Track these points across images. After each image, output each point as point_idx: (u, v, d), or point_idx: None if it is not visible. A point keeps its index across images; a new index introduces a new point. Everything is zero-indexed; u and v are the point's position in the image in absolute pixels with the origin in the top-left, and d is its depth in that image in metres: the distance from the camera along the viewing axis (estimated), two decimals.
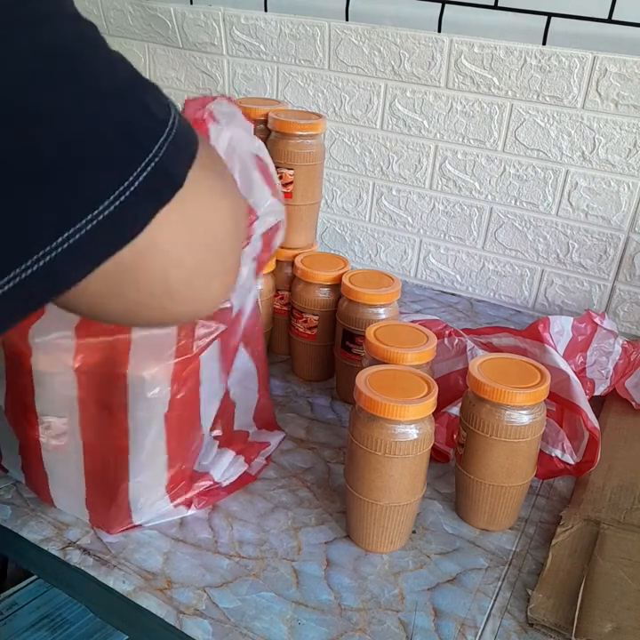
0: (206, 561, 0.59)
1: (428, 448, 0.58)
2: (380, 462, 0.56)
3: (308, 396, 0.84)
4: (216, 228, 0.33)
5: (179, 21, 1.18)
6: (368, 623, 0.54)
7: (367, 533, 0.60)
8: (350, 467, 0.60)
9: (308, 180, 0.86)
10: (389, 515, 0.58)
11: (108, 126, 0.27)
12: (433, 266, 1.14)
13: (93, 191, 0.26)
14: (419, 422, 0.56)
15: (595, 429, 0.67)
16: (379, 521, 0.59)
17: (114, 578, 0.57)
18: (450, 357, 0.78)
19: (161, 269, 0.30)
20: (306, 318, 0.83)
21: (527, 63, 0.95)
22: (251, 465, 0.69)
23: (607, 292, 1.02)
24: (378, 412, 0.55)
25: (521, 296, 1.09)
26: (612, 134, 0.93)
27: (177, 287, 0.31)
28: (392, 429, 0.56)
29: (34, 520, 0.62)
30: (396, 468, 0.57)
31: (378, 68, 1.05)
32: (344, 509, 0.64)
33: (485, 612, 0.55)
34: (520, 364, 0.63)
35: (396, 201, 1.12)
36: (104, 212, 0.26)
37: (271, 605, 0.55)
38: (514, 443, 0.59)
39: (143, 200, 0.28)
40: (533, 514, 0.66)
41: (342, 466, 0.71)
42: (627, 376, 0.83)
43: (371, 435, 0.56)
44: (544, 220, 1.03)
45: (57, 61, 0.26)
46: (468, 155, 1.04)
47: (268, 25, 1.11)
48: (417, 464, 0.57)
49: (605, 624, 0.52)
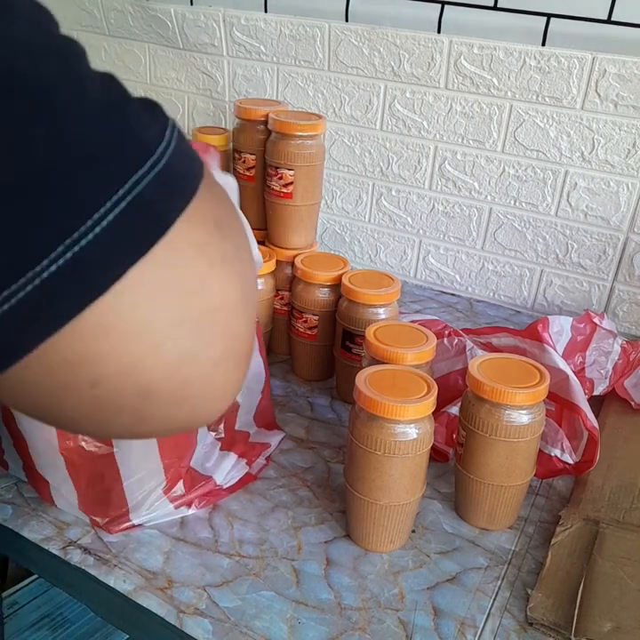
0: (206, 560, 0.59)
1: (427, 448, 0.58)
2: (379, 462, 0.57)
3: (308, 395, 0.84)
4: (215, 299, 0.24)
5: (179, 22, 1.19)
6: (368, 622, 0.54)
7: (367, 533, 0.60)
8: (350, 466, 0.60)
9: (308, 181, 0.86)
10: (389, 514, 0.59)
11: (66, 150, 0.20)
12: (432, 266, 1.14)
13: (38, 236, 0.19)
14: (418, 422, 0.56)
15: (594, 429, 0.67)
16: (378, 520, 0.59)
17: (114, 577, 0.57)
18: (449, 357, 0.78)
19: (129, 355, 0.21)
20: (306, 318, 0.84)
21: (526, 64, 0.95)
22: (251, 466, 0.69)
23: (606, 293, 1.03)
24: (378, 412, 0.55)
25: (520, 296, 1.09)
26: (612, 135, 0.94)
27: (154, 381, 0.23)
28: (392, 429, 0.56)
29: (34, 519, 0.62)
30: (395, 467, 0.57)
31: (377, 69, 1.05)
32: (344, 509, 0.65)
33: (485, 612, 0.56)
34: (519, 364, 0.63)
35: (396, 201, 1.13)
36: (49, 268, 0.19)
37: (271, 604, 0.55)
38: (513, 442, 0.60)
39: (107, 251, 0.20)
40: (533, 513, 0.66)
41: (342, 465, 0.71)
42: (626, 376, 0.83)
43: (370, 434, 0.56)
44: (543, 221, 1.03)
45: None
46: (468, 155, 1.04)
47: (268, 26, 1.11)
48: (417, 463, 0.58)
49: (605, 623, 0.53)
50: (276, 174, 0.86)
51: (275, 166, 0.86)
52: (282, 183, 0.86)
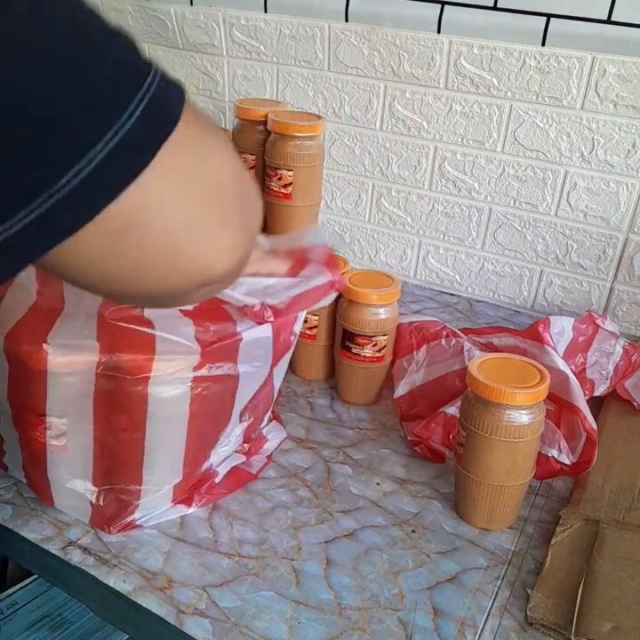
0: (206, 560, 0.59)
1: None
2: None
3: (308, 395, 0.84)
4: (217, 175, 0.31)
5: (179, 22, 1.18)
6: (368, 622, 0.54)
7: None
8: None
9: (308, 181, 0.86)
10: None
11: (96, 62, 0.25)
12: (432, 266, 1.14)
13: (84, 134, 0.25)
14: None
15: (592, 430, 0.67)
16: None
17: (114, 577, 0.57)
18: (447, 358, 0.78)
19: (159, 220, 0.28)
20: (306, 318, 0.84)
21: (526, 64, 0.95)
22: (250, 462, 0.69)
23: (606, 293, 1.03)
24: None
25: (520, 296, 1.09)
26: (611, 135, 0.94)
27: (180, 240, 0.29)
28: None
29: (34, 519, 0.62)
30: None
31: (377, 69, 1.05)
32: (343, 509, 0.65)
33: (485, 612, 0.56)
34: (520, 364, 0.63)
35: (396, 201, 1.13)
36: (96, 159, 0.25)
37: (271, 605, 0.55)
38: (513, 442, 0.60)
39: (138, 142, 0.26)
40: (533, 513, 0.66)
41: (342, 465, 0.71)
42: (627, 377, 0.83)
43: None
44: (543, 221, 1.03)
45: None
46: (468, 155, 1.04)
47: (268, 26, 1.11)
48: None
49: (604, 623, 0.52)
50: (276, 175, 0.86)
51: (274, 167, 0.86)
52: (281, 184, 0.86)
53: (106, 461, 0.59)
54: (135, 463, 0.59)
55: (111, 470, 0.60)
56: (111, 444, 0.59)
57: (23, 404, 0.58)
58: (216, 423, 0.63)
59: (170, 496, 0.63)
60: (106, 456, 0.59)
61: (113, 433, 0.58)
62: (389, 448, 0.75)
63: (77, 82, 0.25)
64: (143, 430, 0.58)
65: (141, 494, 0.60)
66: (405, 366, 0.81)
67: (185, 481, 0.63)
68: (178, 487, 0.63)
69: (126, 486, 0.60)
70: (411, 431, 0.74)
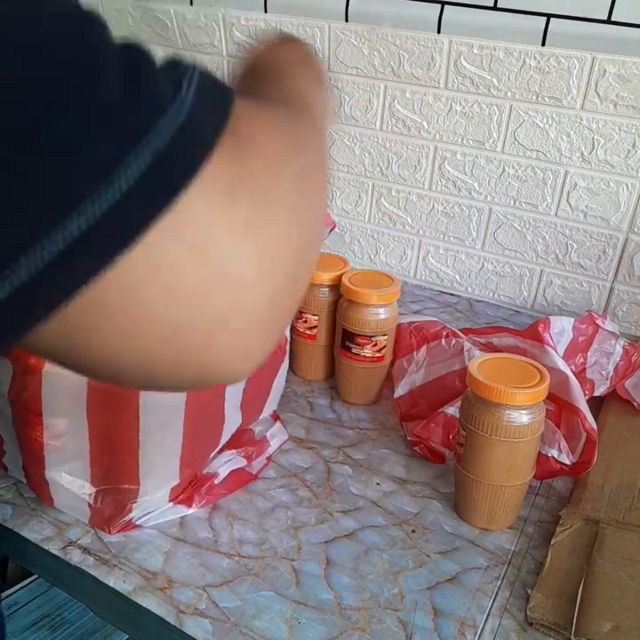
0: (206, 560, 0.59)
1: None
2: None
3: (308, 395, 0.84)
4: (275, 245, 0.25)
5: (179, 22, 1.18)
6: (368, 622, 0.54)
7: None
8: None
9: None
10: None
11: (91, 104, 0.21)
12: (432, 266, 1.14)
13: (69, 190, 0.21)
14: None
15: (592, 430, 0.67)
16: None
17: (114, 577, 0.57)
18: (447, 358, 0.78)
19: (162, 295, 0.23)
20: (306, 318, 0.84)
21: (526, 64, 0.95)
22: (251, 464, 0.69)
23: (606, 293, 1.03)
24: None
25: (520, 296, 1.09)
26: (611, 135, 0.94)
27: (189, 321, 0.23)
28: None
29: (34, 519, 0.62)
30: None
31: (377, 69, 1.05)
32: (343, 509, 0.65)
33: (485, 612, 0.56)
34: (520, 364, 0.63)
35: (396, 201, 1.13)
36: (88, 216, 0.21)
37: (271, 605, 0.55)
38: (513, 442, 0.60)
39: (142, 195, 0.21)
40: (533, 513, 0.66)
41: (342, 465, 0.71)
42: (627, 377, 0.83)
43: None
44: (543, 221, 1.03)
45: None
46: (468, 155, 1.04)
47: (268, 26, 1.11)
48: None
49: (604, 623, 0.53)
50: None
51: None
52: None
53: (104, 461, 0.59)
54: (131, 462, 0.59)
55: (109, 470, 0.60)
56: (107, 443, 0.59)
57: (22, 404, 0.58)
58: (211, 421, 0.63)
59: (168, 496, 0.63)
60: (103, 456, 0.59)
61: (108, 433, 0.58)
62: (389, 448, 0.75)
63: None
64: (137, 429, 0.58)
65: (139, 494, 0.60)
66: (405, 366, 0.81)
67: (184, 481, 0.63)
68: (176, 487, 0.63)
69: (124, 486, 0.60)
70: (411, 431, 0.74)
